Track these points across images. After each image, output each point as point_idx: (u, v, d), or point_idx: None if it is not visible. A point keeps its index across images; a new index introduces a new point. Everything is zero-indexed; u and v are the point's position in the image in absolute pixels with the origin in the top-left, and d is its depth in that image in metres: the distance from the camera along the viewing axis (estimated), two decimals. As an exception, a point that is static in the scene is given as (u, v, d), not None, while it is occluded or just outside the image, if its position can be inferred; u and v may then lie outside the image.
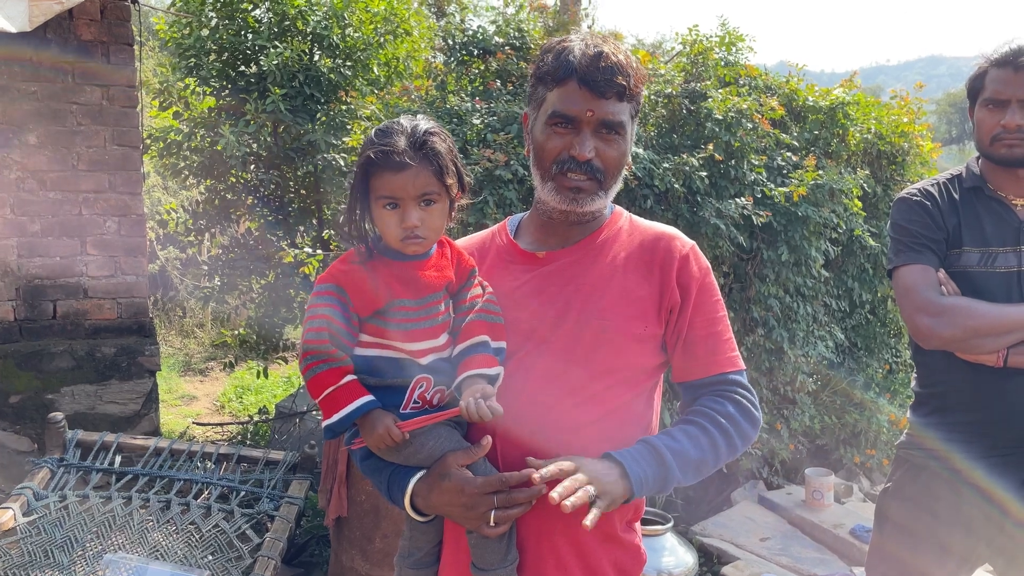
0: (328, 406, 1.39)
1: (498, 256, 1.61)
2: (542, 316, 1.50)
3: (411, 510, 1.47)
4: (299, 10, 4.80)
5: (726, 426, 1.49)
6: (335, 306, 1.42)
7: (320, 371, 1.39)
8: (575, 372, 1.47)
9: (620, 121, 1.48)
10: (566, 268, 1.54)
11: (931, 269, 2.00)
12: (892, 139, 4.78)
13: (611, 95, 1.46)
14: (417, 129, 1.42)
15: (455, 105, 3.96)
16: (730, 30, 4.71)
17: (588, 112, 1.46)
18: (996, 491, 1.98)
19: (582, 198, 1.50)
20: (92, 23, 4.53)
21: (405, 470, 1.46)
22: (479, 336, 1.45)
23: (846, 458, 4.60)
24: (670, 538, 3.27)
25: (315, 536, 3.89)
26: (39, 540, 3.06)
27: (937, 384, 2.09)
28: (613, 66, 1.45)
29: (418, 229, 1.42)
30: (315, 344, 1.40)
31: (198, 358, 7.95)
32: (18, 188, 4.46)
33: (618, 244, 1.56)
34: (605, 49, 1.47)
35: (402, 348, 1.43)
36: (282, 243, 5.03)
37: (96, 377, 4.58)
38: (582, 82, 1.45)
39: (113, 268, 4.69)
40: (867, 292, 4.68)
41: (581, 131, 1.47)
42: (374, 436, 1.39)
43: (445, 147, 1.44)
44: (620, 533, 1.52)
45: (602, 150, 1.48)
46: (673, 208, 3.86)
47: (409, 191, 1.40)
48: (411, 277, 1.45)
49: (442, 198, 1.44)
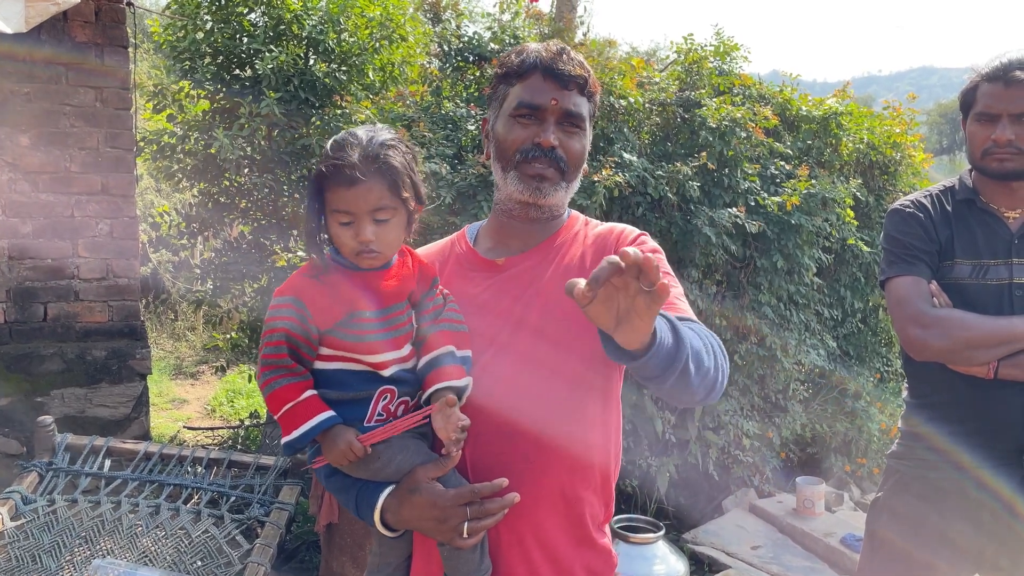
0: (287, 422, 1.36)
1: (457, 264, 1.61)
2: (503, 322, 1.50)
3: (381, 526, 1.44)
4: (295, 14, 4.79)
5: (709, 338, 1.36)
6: (293, 319, 1.38)
7: (279, 386, 1.37)
8: (538, 377, 1.46)
9: (582, 114, 1.52)
10: (525, 273, 1.54)
11: (923, 281, 2.01)
12: (884, 149, 4.81)
13: (573, 87, 1.51)
14: (372, 141, 1.39)
15: (450, 111, 3.97)
16: (725, 39, 4.74)
17: (552, 100, 1.49)
18: (990, 499, 1.99)
19: (545, 187, 1.51)
20: (87, 25, 4.52)
21: (373, 485, 1.43)
22: (444, 347, 1.44)
23: (837, 467, 4.61)
24: (661, 546, 3.27)
25: (306, 542, 3.88)
26: (27, 545, 3.04)
27: (928, 395, 2.10)
28: (574, 60, 1.52)
29: (372, 244, 1.38)
30: (273, 358, 1.37)
31: (189, 361, 7.92)
32: (10, 189, 4.44)
33: (575, 245, 1.56)
34: (566, 47, 1.54)
35: (364, 360, 1.40)
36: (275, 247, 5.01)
37: (86, 380, 4.56)
38: (546, 72, 1.50)
39: (105, 271, 4.67)
40: (859, 301, 4.70)
41: (545, 120, 1.50)
42: (335, 452, 1.36)
43: (400, 160, 1.40)
44: (592, 535, 1.51)
45: (564, 141, 1.51)
46: (666, 216, 3.87)
47: (361, 206, 1.37)
48: (371, 288, 1.42)
49: (398, 212, 1.41)
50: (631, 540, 3.18)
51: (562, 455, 1.44)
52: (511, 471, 1.42)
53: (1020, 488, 1.96)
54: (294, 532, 3.85)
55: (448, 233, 1.80)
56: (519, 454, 1.44)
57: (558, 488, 1.46)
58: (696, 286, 3.89)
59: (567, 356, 1.46)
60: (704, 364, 1.30)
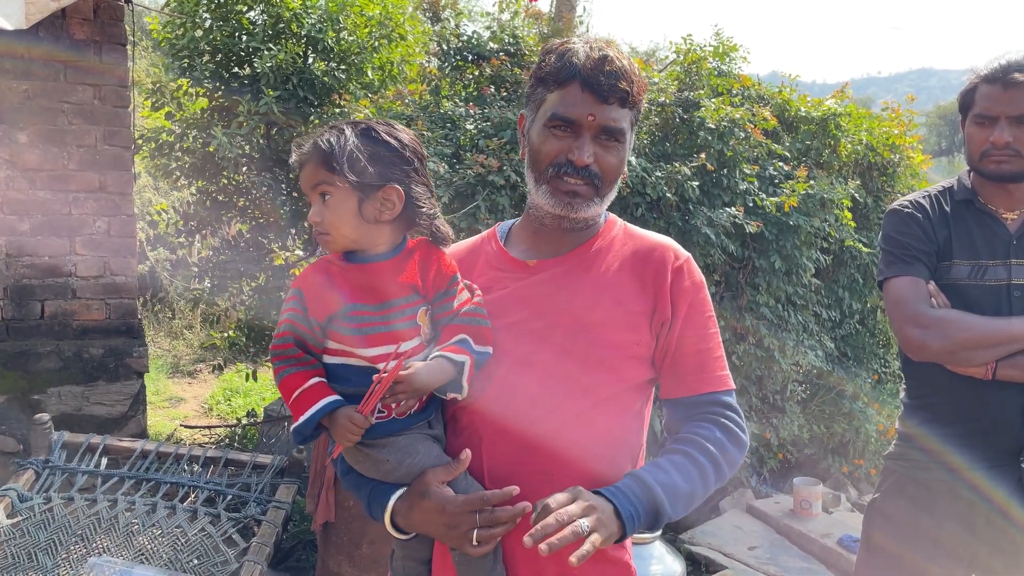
0: (296, 409, 1.37)
1: (487, 263, 1.56)
2: (531, 327, 1.46)
3: (392, 528, 1.43)
4: (294, 13, 4.79)
5: (715, 454, 1.43)
6: (298, 310, 1.40)
7: (287, 375, 1.38)
8: (564, 386, 1.43)
9: (621, 128, 1.44)
10: (557, 278, 1.49)
11: (921, 281, 2.01)
12: (883, 151, 4.81)
13: (614, 100, 1.42)
14: (334, 127, 1.41)
15: (449, 110, 3.96)
16: (724, 40, 4.74)
17: (590, 116, 1.41)
18: (983, 502, 1.99)
19: (577, 203, 1.44)
20: (85, 22, 4.51)
21: (385, 487, 1.42)
22: (459, 335, 1.41)
23: (834, 468, 4.61)
24: (658, 546, 3.26)
25: (302, 541, 3.87)
26: (23, 542, 3.03)
27: (926, 396, 2.10)
28: (617, 71, 1.42)
29: (319, 225, 1.40)
30: (280, 348, 1.39)
31: (187, 360, 7.91)
32: (7, 187, 4.43)
33: (612, 254, 1.51)
34: (610, 53, 1.43)
35: (361, 355, 1.39)
36: (273, 246, 5.01)
37: (83, 378, 4.55)
38: (585, 85, 1.41)
39: (102, 268, 4.66)
40: (857, 302, 4.70)
41: (581, 135, 1.43)
42: (340, 430, 1.35)
43: (342, 141, 1.37)
44: (610, 551, 1.45)
45: (601, 156, 1.43)
46: (665, 216, 3.87)
47: (306, 186, 1.41)
48: (365, 281, 1.41)
49: (337, 189, 1.37)
50: (628, 540, 3.17)
51: (582, 470, 1.40)
52: (529, 482, 1.39)
53: (1016, 490, 1.96)
54: (290, 531, 3.84)
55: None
56: (538, 466, 1.41)
57: None
58: (694, 286, 3.88)
59: (593, 371, 1.43)
60: (697, 496, 1.42)
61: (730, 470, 1.46)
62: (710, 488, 1.44)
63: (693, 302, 1.49)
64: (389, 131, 1.42)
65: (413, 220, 1.44)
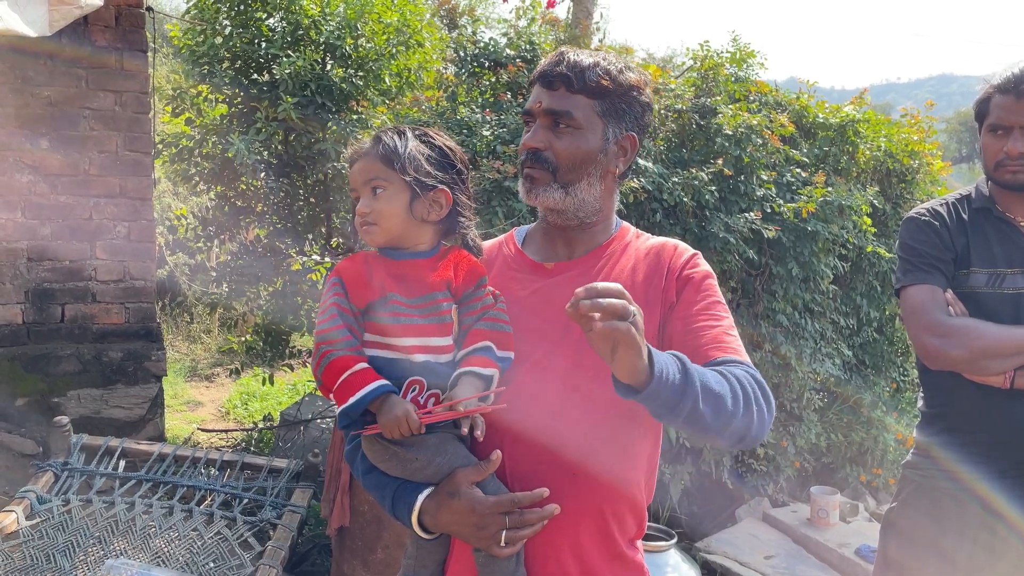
0: (342, 392, 1.38)
1: (506, 265, 1.61)
2: (548, 329, 1.49)
3: (418, 528, 1.43)
4: (313, 20, 4.82)
5: (747, 384, 1.34)
6: (341, 294, 1.44)
7: (334, 357, 1.39)
8: (583, 384, 1.45)
9: (566, 111, 1.48)
10: (574, 279, 1.51)
11: (939, 289, 2.00)
12: (902, 157, 4.77)
13: (559, 86, 1.49)
14: (389, 131, 1.50)
15: (465, 116, 3.98)
16: (741, 46, 4.72)
17: (538, 103, 1.51)
18: (1004, 511, 1.97)
19: (536, 188, 1.51)
20: (107, 29, 4.56)
21: (411, 486, 1.42)
22: (483, 341, 1.44)
23: (852, 477, 4.57)
24: (674, 555, 3.25)
25: (317, 545, 3.88)
26: (41, 544, 3.06)
27: (944, 404, 2.08)
28: (567, 62, 1.50)
29: (367, 216, 1.45)
30: (329, 332, 1.41)
31: (204, 364, 7.96)
32: (29, 191, 4.49)
33: (625, 257, 1.56)
34: (567, 52, 1.53)
35: (395, 345, 1.42)
36: (290, 251, 5.04)
37: (102, 381, 4.59)
38: (540, 79, 1.53)
39: (122, 273, 4.71)
40: (875, 310, 4.66)
41: (533, 123, 1.53)
42: (391, 420, 1.34)
43: (405, 143, 1.47)
44: (625, 551, 1.50)
45: (552, 141, 1.50)
46: (681, 222, 3.86)
47: (358, 180, 1.48)
48: (403, 275, 1.45)
49: (392, 184, 1.46)
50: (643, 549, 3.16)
51: (605, 472, 1.43)
52: (552, 485, 1.41)
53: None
54: (306, 535, 3.86)
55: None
56: (562, 468, 1.43)
57: (597, 505, 1.45)
58: (711, 293, 3.87)
59: (607, 375, 1.43)
60: (726, 408, 1.28)
61: (758, 410, 1.34)
62: (739, 409, 1.31)
63: (700, 287, 1.50)
64: (444, 140, 1.52)
65: (453, 227, 1.52)
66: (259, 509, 3.35)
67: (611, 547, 1.48)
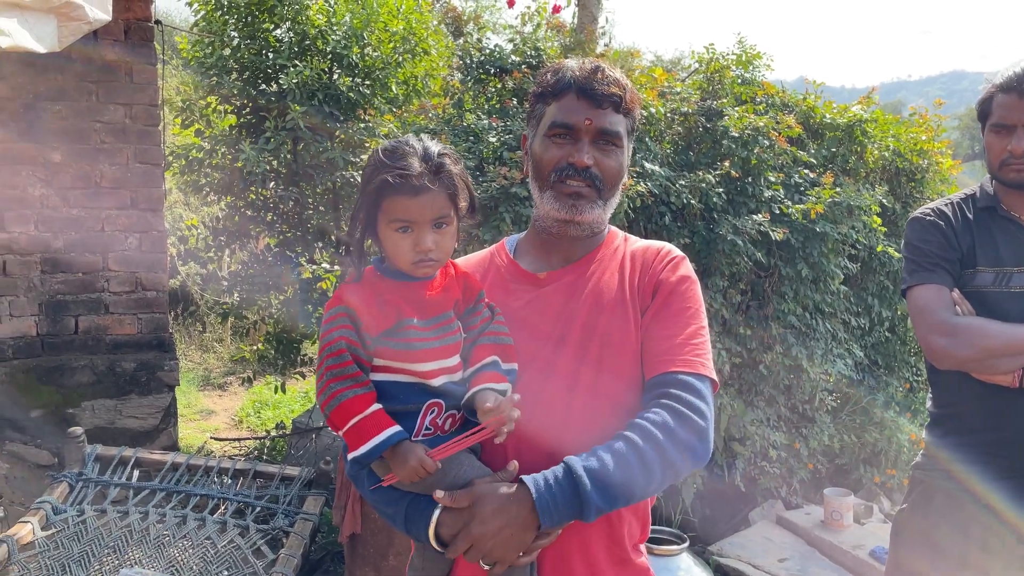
0: (354, 437, 1.35)
1: (498, 276, 1.62)
2: (545, 338, 1.50)
3: (435, 541, 1.42)
4: (319, 30, 4.86)
5: (660, 439, 1.36)
6: (349, 326, 1.39)
7: (345, 398, 1.35)
8: (581, 391, 1.46)
9: (617, 131, 1.52)
10: (566, 287, 1.55)
11: (945, 289, 1.99)
12: (911, 156, 4.76)
13: (608, 105, 1.50)
14: (431, 152, 1.41)
15: (471, 123, 3.99)
16: (747, 48, 4.72)
17: (586, 121, 1.50)
18: (1012, 513, 1.95)
19: (581, 205, 1.51)
20: (116, 43, 4.61)
21: (425, 500, 1.41)
22: (490, 357, 1.45)
23: (866, 478, 4.55)
24: (686, 558, 3.23)
25: (329, 552, 3.90)
26: (57, 554, 3.09)
27: (952, 404, 2.07)
28: (609, 79, 1.51)
29: (432, 252, 1.41)
30: (338, 368, 1.36)
31: (217, 373, 8.01)
32: (42, 205, 4.53)
33: (615, 262, 1.57)
34: (602, 64, 1.53)
35: (413, 370, 1.40)
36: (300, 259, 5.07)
37: (116, 392, 4.63)
38: (580, 92, 1.51)
39: (134, 284, 4.74)
40: (887, 309, 4.64)
41: (579, 139, 1.51)
42: (407, 469, 1.34)
43: (458, 169, 1.44)
44: (630, 555, 1.51)
45: (600, 160, 1.51)
46: (689, 225, 3.86)
47: (426, 215, 1.39)
48: (417, 298, 1.43)
49: (453, 220, 1.44)
50: (655, 552, 3.15)
51: None
52: None
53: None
54: (318, 542, 3.88)
55: (470, 245, 1.82)
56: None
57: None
58: (720, 295, 3.87)
59: (608, 377, 1.47)
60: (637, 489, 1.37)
61: (682, 458, 1.38)
62: (655, 477, 1.36)
63: (674, 291, 1.52)
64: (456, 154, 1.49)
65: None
66: (272, 517, 3.37)
67: (618, 552, 1.49)
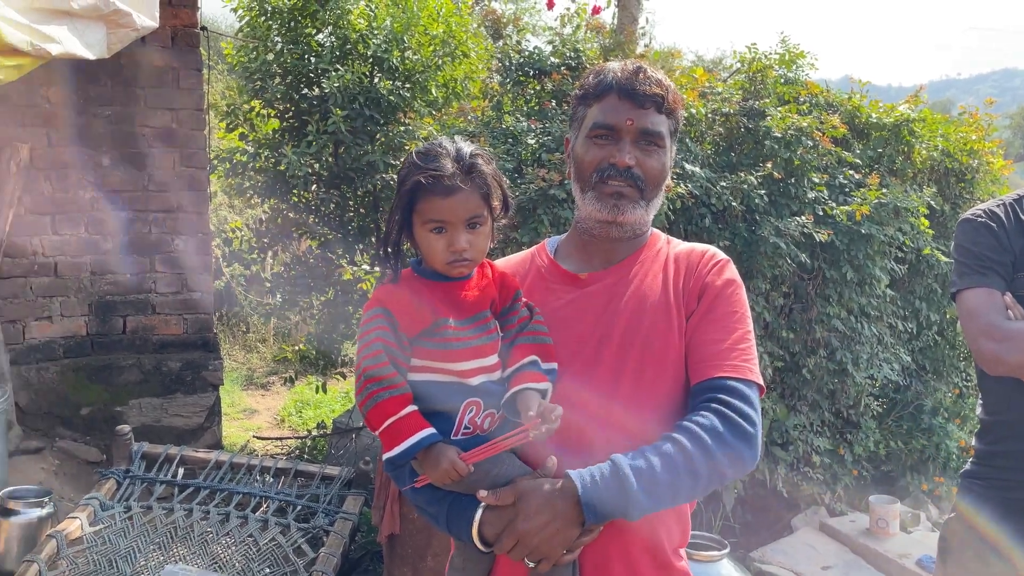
0: (389, 438, 1.36)
1: (539, 277, 1.62)
2: (587, 337, 1.50)
3: (478, 540, 1.42)
4: (360, 34, 4.90)
5: (708, 444, 1.36)
6: (387, 327, 1.39)
7: (382, 399, 1.36)
8: (622, 393, 1.45)
9: (660, 132, 1.52)
10: (608, 288, 1.54)
11: (997, 292, 1.93)
12: (960, 156, 4.64)
13: (650, 106, 1.50)
14: (463, 152, 1.42)
15: (510, 125, 3.99)
16: (790, 47, 4.64)
17: (628, 121, 1.50)
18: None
19: (623, 204, 1.51)
20: (164, 49, 4.71)
21: (468, 499, 1.41)
22: (529, 356, 1.44)
23: (913, 485, 4.45)
24: (727, 564, 3.19)
25: (369, 552, 3.92)
26: (104, 550, 3.16)
27: (1002, 412, 2.01)
28: (651, 79, 1.51)
29: (466, 252, 1.41)
30: (375, 369, 1.37)
31: (260, 373, 8.13)
32: (92, 208, 4.65)
33: (657, 263, 1.57)
34: (644, 65, 1.53)
35: (451, 369, 1.41)
36: (341, 261, 5.11)
37: (162, 390, 4.72)
38: (622, 93, 1.51)
39: (180, 285, 4.84)
40: (935, 313, 4.53)
41: (621, 140, 1.51)
42: (439, 471, 1.35)
43: (491, 169, 1.44)
44: (671, 560, 1.50)
45: (642, 160, 1.51)
46: (730, 227, 3.81)
47: (459, 215, 1.40)
48: (454, 298, 1.44)
49: (487, 220, 1.45)
50: (695, 558, 3.11)
51: None
52: None
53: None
54: (358, 542, 3.90)
55: (508, 247, 1.81)
56: None
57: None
58: (763, 298, 3.81)
59: (649, 379, 1.47)
60: (683, 491, 1.38)
61: (730, 463, 1.38)
62: (701, 480, 1.37)
63: (720, 295, 1.51)
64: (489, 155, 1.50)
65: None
66: (312, 516, 3.40)
67: (659, 556, 1.48)
